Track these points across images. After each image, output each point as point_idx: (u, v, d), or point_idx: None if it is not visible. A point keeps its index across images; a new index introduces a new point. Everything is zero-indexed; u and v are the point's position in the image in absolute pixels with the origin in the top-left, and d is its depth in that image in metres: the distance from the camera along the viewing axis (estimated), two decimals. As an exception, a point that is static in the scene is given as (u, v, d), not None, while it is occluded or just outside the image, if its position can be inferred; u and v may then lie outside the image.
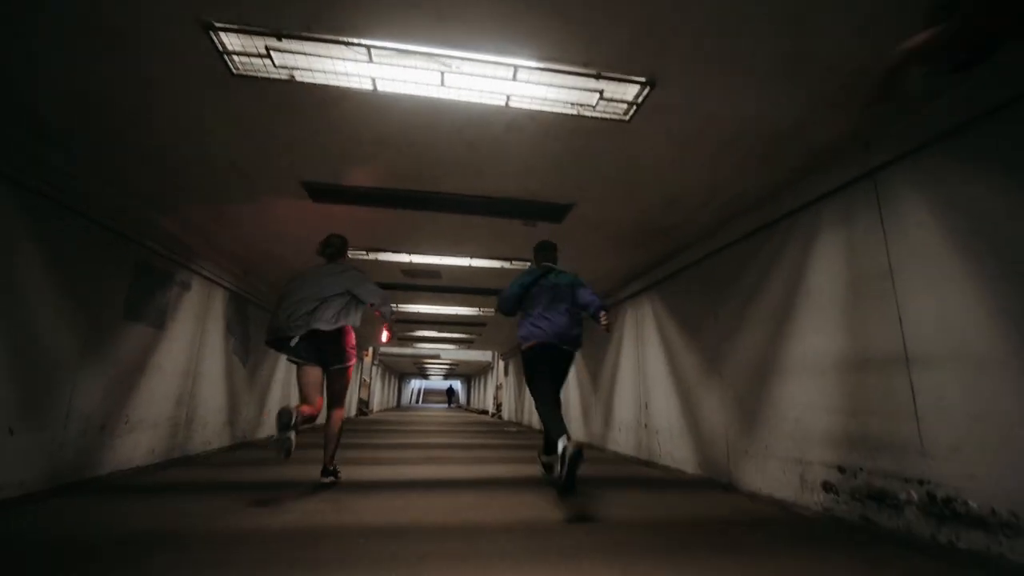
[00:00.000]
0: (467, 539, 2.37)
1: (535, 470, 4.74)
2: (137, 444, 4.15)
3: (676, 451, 4.91)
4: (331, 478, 3.68)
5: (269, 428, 7.68)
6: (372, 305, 3.64)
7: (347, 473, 4.23)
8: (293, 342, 3.39)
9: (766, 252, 3.75)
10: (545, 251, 4.00)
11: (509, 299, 3.79)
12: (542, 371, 3.63)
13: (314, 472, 3.85)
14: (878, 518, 2.67)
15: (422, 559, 2.06)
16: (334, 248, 3.85)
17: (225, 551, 2.10)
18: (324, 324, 3.42)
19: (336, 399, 3.69)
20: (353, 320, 3.60)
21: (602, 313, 3.62)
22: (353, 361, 3.72)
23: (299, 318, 3.40)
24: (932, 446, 2.42)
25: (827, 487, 3.03)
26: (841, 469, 2.95)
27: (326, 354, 3.55)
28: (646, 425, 5.64)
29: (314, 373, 3.50)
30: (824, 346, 3.13)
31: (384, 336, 4.32)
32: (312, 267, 3.76)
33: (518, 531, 2.52)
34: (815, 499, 3.10)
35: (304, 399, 3.43)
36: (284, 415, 3.02)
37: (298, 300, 3.46)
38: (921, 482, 2.47)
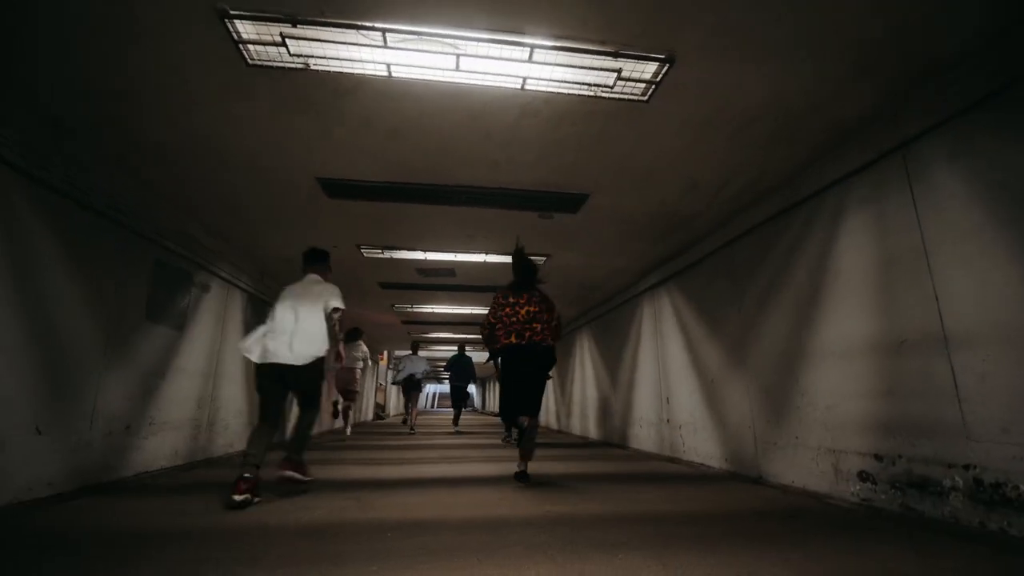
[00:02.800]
0: (495, 532, 2.31)
1: (559, 467, 4.67)
2: (161, 445, 4.17)
3: (700, 446, 4.80)
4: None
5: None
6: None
7: (369, 473, 4.21)
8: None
9: (790, 236, 3.65)
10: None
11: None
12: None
13: (335, 473, 3.95)
14: (921, 507, 2.56)
15: (452, 552, 2.02)
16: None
17: (252, 547, 2.08)
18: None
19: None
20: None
21: None
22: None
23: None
24: (977, 428, 2.31)
25: (864, 476, 2.91)
26: (878, 457, 2.83)
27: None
28: (668, 420, 5.53)
29: None
30: (856, 329, 3.03)
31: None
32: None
33: (545, 524, 2.45)
34: (851, 489, 2.99)
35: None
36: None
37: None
38: (967, 467, 2.35)
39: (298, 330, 3.21)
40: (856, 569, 1.83)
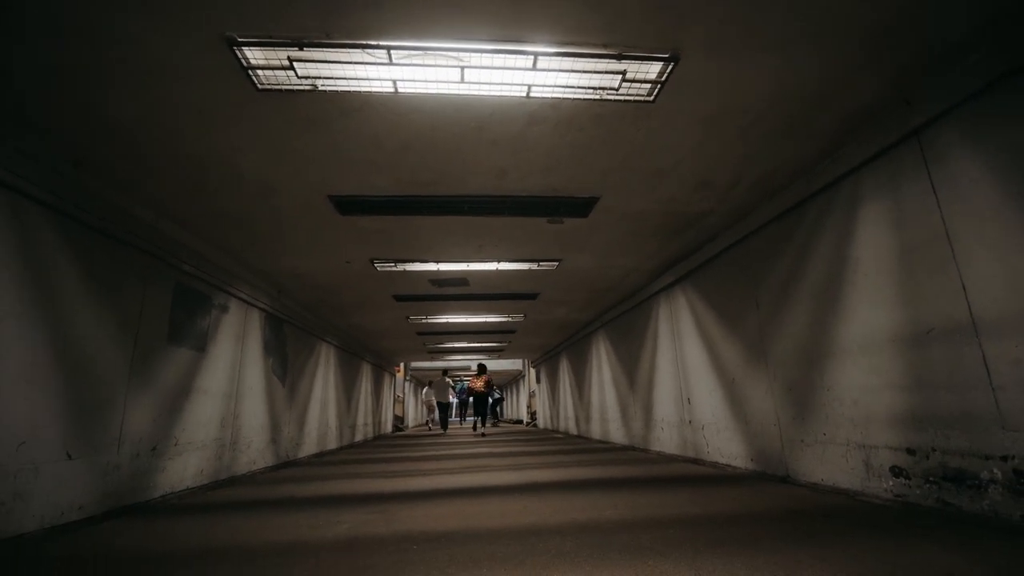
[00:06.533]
0: (521, 541, 2.29)
1: (582, 472, 4.63)
2: (187, 466, 4.24)
3: (724, 446, 4.72)
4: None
5: (310, 447, 7.78)
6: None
7: (393, 485, 4.22)
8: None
9: (804, 229, 3.59)
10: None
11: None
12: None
13: (360, 486, 3.88)
14: (958, 501, 2.48)
15: (480, 562, 2.00)
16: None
17: (282, 564, 2.09)
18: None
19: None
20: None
21: None
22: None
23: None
24: (1014, 417, 2.24)
25: (896, 472, 2.84)
26: (911, 451, 2.76)
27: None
28: (690, 421, 5.46)
29: None
30: (879, 321, 2.96)
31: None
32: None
33: (572, 532, 2.43)
34: (884, 485, 2.91)
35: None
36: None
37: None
38: (1004, 458, 2.28)
39: (443, 392, 14.36)
40: (900, 568, 1.78)
